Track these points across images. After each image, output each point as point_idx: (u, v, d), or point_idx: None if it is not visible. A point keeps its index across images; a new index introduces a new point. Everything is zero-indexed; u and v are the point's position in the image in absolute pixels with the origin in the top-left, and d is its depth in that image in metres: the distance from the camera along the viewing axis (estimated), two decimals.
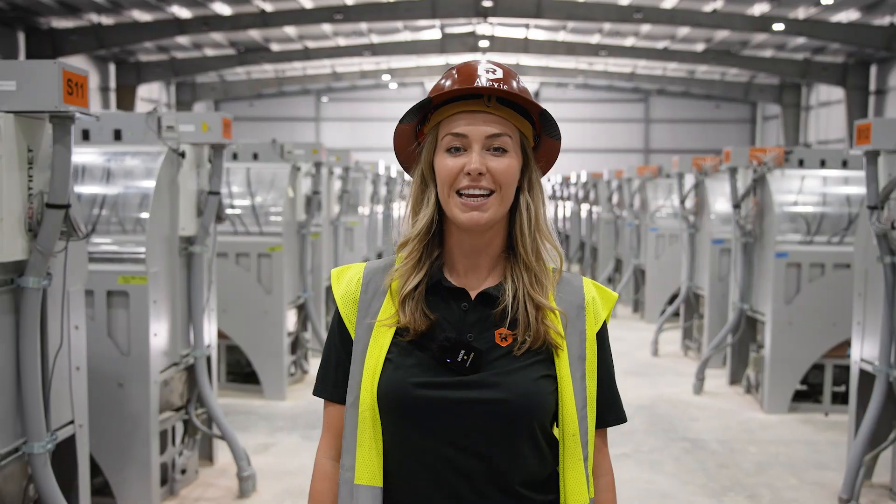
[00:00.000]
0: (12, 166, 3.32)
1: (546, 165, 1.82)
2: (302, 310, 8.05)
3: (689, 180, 9.16)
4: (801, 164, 7.28)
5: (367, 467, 1.71)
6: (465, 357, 1.67)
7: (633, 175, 12.25)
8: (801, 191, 7.34)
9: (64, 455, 3.85)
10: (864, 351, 5.38)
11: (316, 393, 1.84)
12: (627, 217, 12.37)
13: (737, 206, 7.41)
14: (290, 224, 7.56)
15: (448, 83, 1.73)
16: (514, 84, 1.72)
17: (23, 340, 3.44)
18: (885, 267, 4.94)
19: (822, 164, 7.32)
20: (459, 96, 1.71)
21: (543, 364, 1.70)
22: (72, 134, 3.44)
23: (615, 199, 13.39)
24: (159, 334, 4.90)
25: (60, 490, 3.60)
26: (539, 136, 1.80)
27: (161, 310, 4.92)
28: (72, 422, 3.89)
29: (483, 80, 1.69)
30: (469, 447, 1.66)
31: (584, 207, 16.14)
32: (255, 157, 7.67)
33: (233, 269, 7.20)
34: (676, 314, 9.75)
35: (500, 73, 1.72)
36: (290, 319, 7.77)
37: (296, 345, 8.01)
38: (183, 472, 5.39)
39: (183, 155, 5.09)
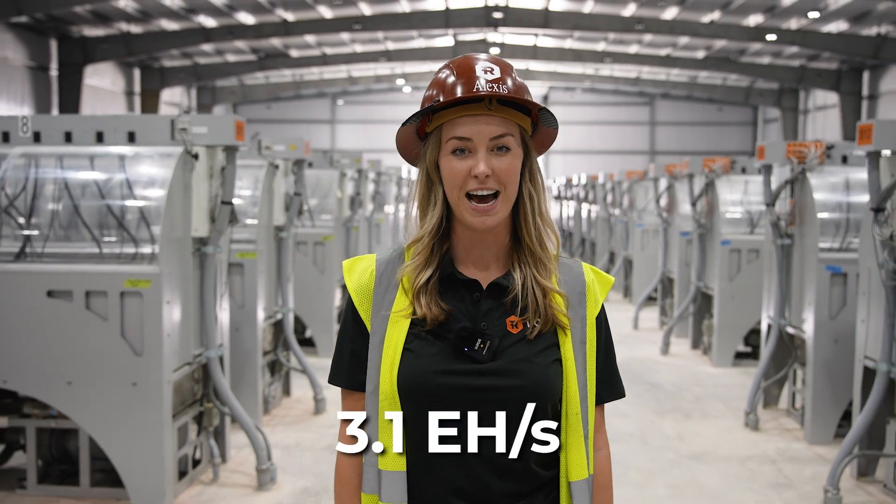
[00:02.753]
0: (203, 178, 5.71)
1: (541, 149, 1.98)
2: (346, 288, 10.42)
3: (663, 183, 11.53)
4: (743, 171, 9.63)
5: (390, 453, 1.86)
6: (482, 346, 1.83)
7: (623, 178, 14.64)
8: (745, 192, 9.69)
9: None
10: (770, 310, 7.74)
11: (331, 381, 1.97)
12: (619, 215, 14.79)
13: (693, 204, 9.78)
14: (338, 219, 9.96)
15: (448, 81, 1.85)
16: (510, 81, 1.85)
17: (205, 286, 5.82)
18: (776, 248, 7.31)
19: (760, 172, 9.64)
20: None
21: (552, 349, 1.87)
22: (236, 158, 5.83)
23: (609, 198, 15.78)
24: (262, 294, 7.28)
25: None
26: (536, 124, 1.93)
27: (263, 277, 7.31)
28: (221, 344, 6.26)
29: (482, 82, 1.82)
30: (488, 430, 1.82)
31: (585, 207, 18.57)
32: (310, 165, 10.02)
33: (293, 254, 9.55)
34: (652, 297, 12.16)
35: (497, 72, 1.84)
36: (337, 295, 10.15)
37: (341, 315, 10.41)
38: (273, 397, 7.79)
39: (277, 167, 7.50)
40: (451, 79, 1.86)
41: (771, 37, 21.89)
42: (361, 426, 1.91)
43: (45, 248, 5.49)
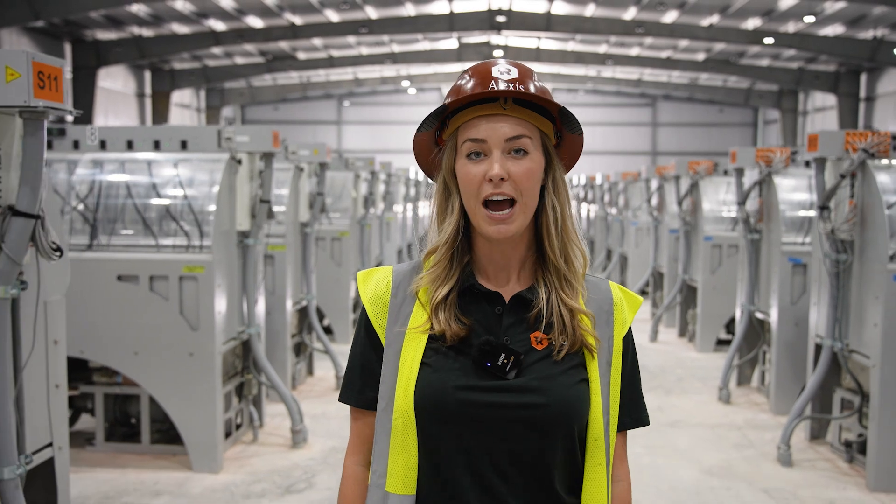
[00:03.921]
0: (245, 180, 6.82)
1: (570, 162, 1.91)
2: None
3: (654, 184, 12.64)
4: (725, 173, 10.73)
5: (399, 475, 1.80)
6: (506, 361, 1.77)
7: (618, 179, 15.77)
8: (727, 192, 10.79)
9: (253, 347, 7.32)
10: (742, 298, 8.84)
11: (342, 399, 1.93)
12: (615, 214, 15.93)
13: (679, 203, 10.89)
14: (353, 217, 11.07)
15: (465, 85, 1.82)
16: (531, 84, 1.80)
17: (247, 273, 6.92)
18: (747, 242, 8.42)
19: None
20: (476, 101, 1.80)
21: (578, 369, 1.81)
22: (273, 165, 6.95)
23: (606, 198, 16.91)
24: (289, 283, 8.39)
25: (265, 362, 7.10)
26: (560, 133, 1.87)
27: (291, 267, 8.42)
28: (258, 324, 7.35)
29: (499, 82, 1.77)
30: (509, 450, 1.77)
31: (584, 206, 19.72)
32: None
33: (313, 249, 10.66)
34: (644, 291, 13.30)
35: (515, 73, 1.80)
36: (352, 287, 11.26)
37: (356, 306, 11.53)
38: (299, 374, 8.91)
39: (302, 170, 8.62)
40: (468, 81, 1.83)
41: (769, 40, 22.94)
42: (366, 445, 1.92)
43: (111, 239, 6.61)
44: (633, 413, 1.93)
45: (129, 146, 6.82)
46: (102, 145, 6.82)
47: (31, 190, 3.46)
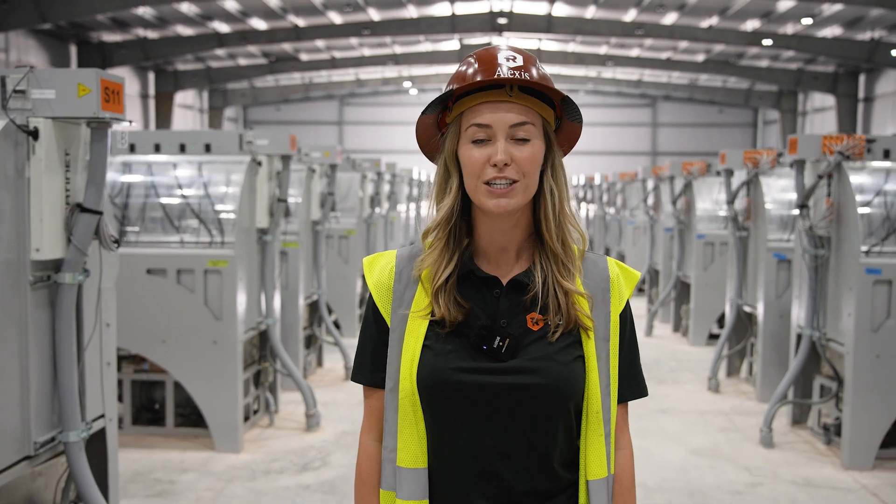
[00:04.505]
0: (264, 180, 7.42)
1: (567, 147, 2.02)
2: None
3: (650, 184, 13.24)
4: (718, 174, 11.31)
5: (409, 450, 1.93)
6: (501, 344, 1.88)
7: (616, 179, 16.38)
8: (720, 192, 11.37)
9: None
10: (731, 292, 9.43)
11: (354, 379, 2.07)
12: (613, 213, 16.54)
13: (674, 203, 11.48)
14: (360, 216, 11.67)
15: (469, 71, 1.89)
16: (535, 71, 1.88)
17: (266, 267, 7.52)
18: (735, 239, 9.01)
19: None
20: (482, 87, 1.87)
21: (574, 346, 1.91)
22: (290, 166, 7.54)
23: (605, 198, 17.52)
24: (301, 278, 8.98)
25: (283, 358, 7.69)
26: (560, 120, 1.97)
27: (302, 263, 9.01)
28: (269, 322, 7.94)
29: (504, 69, 1.85)
30: (507, 430, 1.88)
31: (583, 206, 20.35)
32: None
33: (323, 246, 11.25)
34: (641, 289, 13.92)
35: (520, 61, 1.87)
36: (359, 283, 11.86)
37: (362, 301, 12.13)
38: (310, 365, 9.50)
39: (314, 171, 9.22)
40: (473, 68, 1.89)
41: (767, 41, 23.47)
42: (380, 421, 2.03)
43: (139, 236, 7.21)
44: (631, 385, 2.02)
45: (157, 149, 7.39)
46: (132, 148, 7.40)
47: (97, 189, 4.05)
